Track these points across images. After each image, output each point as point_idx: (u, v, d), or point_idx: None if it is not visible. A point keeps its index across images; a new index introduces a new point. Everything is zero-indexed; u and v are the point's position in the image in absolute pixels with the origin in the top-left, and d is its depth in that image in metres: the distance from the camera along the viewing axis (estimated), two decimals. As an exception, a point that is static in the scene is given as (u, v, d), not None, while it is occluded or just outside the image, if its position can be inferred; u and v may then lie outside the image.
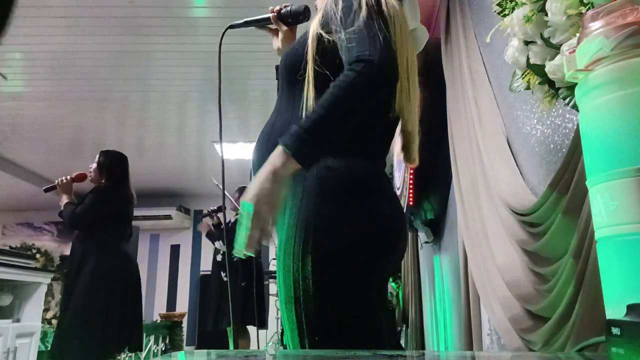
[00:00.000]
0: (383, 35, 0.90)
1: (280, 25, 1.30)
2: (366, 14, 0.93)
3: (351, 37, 0.91)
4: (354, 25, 0.92)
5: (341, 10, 0.96)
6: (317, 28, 1.00)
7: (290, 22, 1.31)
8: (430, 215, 3.07)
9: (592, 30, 0.58)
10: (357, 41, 0.90)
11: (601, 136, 0.56)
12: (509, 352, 1.38)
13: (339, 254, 0.90)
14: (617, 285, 0.53)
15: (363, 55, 0.87)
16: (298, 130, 0.83)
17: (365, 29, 0.91)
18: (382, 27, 0.92)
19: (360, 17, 0.92)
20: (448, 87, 2.23)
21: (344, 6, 0.96)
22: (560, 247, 1.10)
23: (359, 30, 0.91)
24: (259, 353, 0.66)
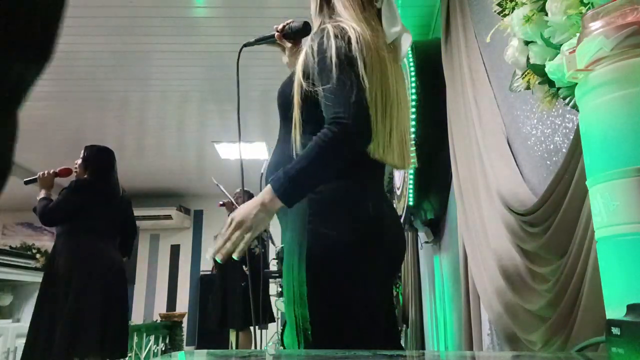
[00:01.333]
0: (355, 92, 1.02)
1: (284, 42, 1.39)
2: (338, 69, 1.03)
3: (327, 95, 1.03)
4: (329, 82, 1.03)
5: (317, 64, 1.07)
6: (299, 75, 1.11)
7: (292, 38, 1.39)
8: (430, 215, 3.07)
9: (592, 30, 0.58)
10: (332, 100, 1.02)
11: (601, 136, 0.56)
12: (509, 352, 1.38)
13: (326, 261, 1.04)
14: (617, 285, 0.53)
15: (337, 116, 1.00)
16: (283, 177, 0.99)
17: (338, 88, 1.02)
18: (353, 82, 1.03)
19: (333, 73, 1.03)
20: (448, 87, 2.23)
21: (319, 60, 1.07)
22: (560, 247, 1.10)
23: (334, 89, 1.03)
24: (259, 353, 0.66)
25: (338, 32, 1.08)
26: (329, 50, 1.06)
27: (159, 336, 4.94)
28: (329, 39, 1.07)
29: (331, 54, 1.05)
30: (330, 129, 1.00)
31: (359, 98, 1.02)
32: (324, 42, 1.07)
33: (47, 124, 4.53)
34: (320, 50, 1.07)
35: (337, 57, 1.04)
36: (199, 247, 7.25)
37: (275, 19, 1.32)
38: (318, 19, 1.23)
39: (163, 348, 4.99)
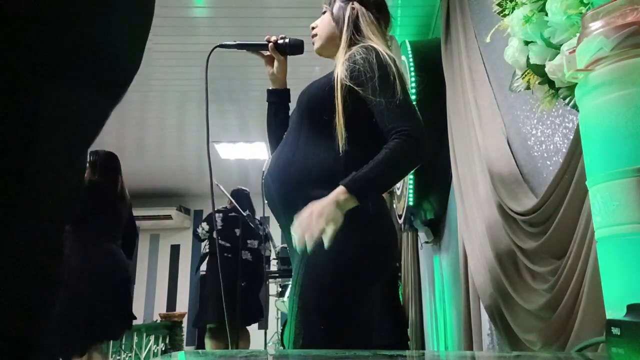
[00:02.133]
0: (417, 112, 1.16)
1: (277, 55, 1.42)
2: (401, 87, 1.14)
3: (393, 108, 1.12)
4: (393, 97, 1.13)
5: (379, 77, 1.15)
6: (345, 79, 1.18)
7: (287, 53, 1.42)
8: (430, 215, 3.07)
9: (592, 30, 0.58)
10: (401, 114, 1.12)
11: (601, 136, 0.56)
12: (509, 352, 1.38)
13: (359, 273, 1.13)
14: (617, 285, 0.53)
15: (409, 129, 1.10)
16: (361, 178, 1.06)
17: (405, 104, 1.13)
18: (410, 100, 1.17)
19: (397, 90, 1.13)
20: (448, 87, 2.23)
21: (381, 74, 1.15)
22: (560, 247, 1.10)
23: (401, 104, 1.13)
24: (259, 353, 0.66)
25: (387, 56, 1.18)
26: (390, 69, 1.16)
27: (159, 336, 4.94)
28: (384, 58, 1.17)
29: (394, 73, 1.15)
30: (406, 140, 1.09)
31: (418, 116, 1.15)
32: (383, 60, 1.17)
33: (47, 124, 4.53)
34: (381, 66, 1.16)
35: (399, 77, 1.15)
36: (199, 247, 7.24)
37: (275, 19, 1.33)
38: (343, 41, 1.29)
39: (163, 348, 4.99)
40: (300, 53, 1.41)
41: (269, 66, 1.45)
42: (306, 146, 1.20)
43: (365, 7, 1.29)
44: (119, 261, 2.91)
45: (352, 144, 1.15)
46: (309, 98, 1.25)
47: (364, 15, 1.27)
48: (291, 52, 1.41)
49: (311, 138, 1.20)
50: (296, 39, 1.40)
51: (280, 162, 1.23)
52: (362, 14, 1.28)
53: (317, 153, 1.18)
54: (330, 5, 1.33)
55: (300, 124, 1.25)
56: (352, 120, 1.16)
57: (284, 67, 1.43)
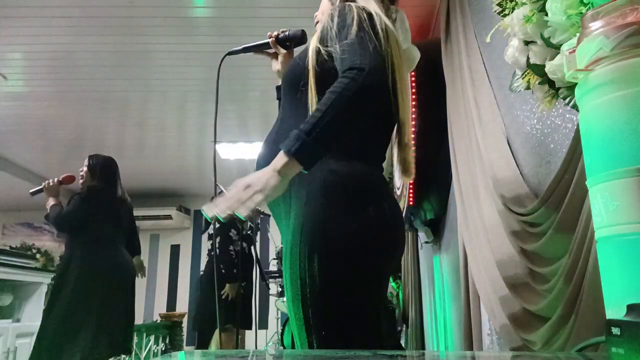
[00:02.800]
0: (373, 46, 0.98)
1: (279, 49, 1.38)
2: (357, 27, 1.01)
3: (344, 49, 0.99)
4: (347, 38, 1.00)
5: (336, 25, 1.05)
6: (316, 42, 1.09)
7: (288, 46, 1.39)
8: (430, 215, 3.07)
9: (592, 30, 0.58)
10: (349, 52, 0.98)
11: (601, 136, 0.56)
12: (509, 352, 1.38)
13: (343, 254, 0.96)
14: (617, 285, 0.53)
15: (354, 63, 0.94)
16: (297, 133, 0.89)
17: (357, 41, 0.99)
18: (372, 38, 1.00)
19: (352, 30, 1.01)
20: (448, 87, 2.23)
21: (339, 21, 1.05)
22: (560, 247, 1.10)
23: (351, 42, 0.99)
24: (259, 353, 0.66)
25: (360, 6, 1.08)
26: (350, 13, 1.05)
27: (159, 336, 4.94)
28: (350, 8, 1.06)
29: (352, 15, 1.04)
30: (345, 76, 0.93)
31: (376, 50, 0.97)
32: (345, 9, 1.07)
33: (47, 124, 4.53)
34: (341, 14, 1.06)
35: (358, 18, 1.03)
36: (199, 247, 7.24)
37: (275, 19, 1.32)
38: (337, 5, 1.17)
39: (163, 348, 4.99)
40: (302, 43, 1.37)
41: (274, 62, 1.41)
42: (288, 119, 1.11)
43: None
44: (124, 265, 2.93)
45: None
46: (288, 71, 1.17)
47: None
48: (292, 45, 1.39)
49: (293, 111, 1.11)
50: (296, 30, 1.38)
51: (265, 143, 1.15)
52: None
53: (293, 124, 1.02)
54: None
55: (284, 100, 1.17)
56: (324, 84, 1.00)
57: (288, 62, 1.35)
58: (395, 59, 1.07)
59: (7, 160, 5.43)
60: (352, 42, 0.99)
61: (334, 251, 0.95)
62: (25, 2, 2.76)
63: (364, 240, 0.98)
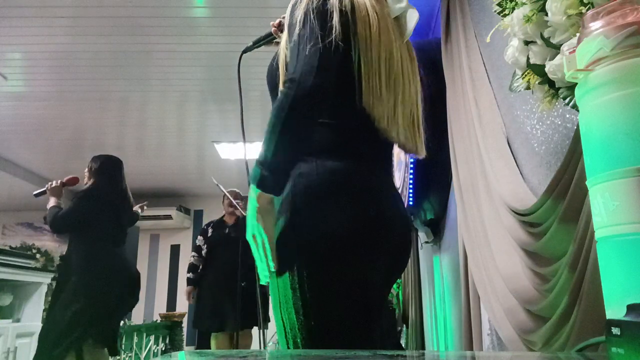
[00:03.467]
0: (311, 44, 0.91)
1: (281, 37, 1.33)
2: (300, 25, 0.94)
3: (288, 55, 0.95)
4: (291, 42, 0.95)
5: (287, 25, 0.99)
6: (284, 46, 1.02)
7: None
8: (430, 215, 3.07)
9: (592, 30, 0.58)
10: (290, 62, 0.93)
11: (601, 136, 0.56)
12: (509, 352, 1.38)
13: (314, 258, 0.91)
14: (617, 285, 0.53)
15: (290, 74, 0.91)
16: (255, 167, 0.90)
17: (296, 44, 0.93)
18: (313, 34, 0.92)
19: (295, 30, 0.94)
20: (448, 87, 2.23)
21: (290, 23, 0.98)
22: (560, 247, 1.10)
23: (292, 47, 0.94)
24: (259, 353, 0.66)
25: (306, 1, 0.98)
26: (299, 7, 0.97)
27: (159, 336, 4.94)
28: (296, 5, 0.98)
29: (300, 10, 0.95)
30: (281, 91, 0.89)
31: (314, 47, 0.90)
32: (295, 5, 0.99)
33: (47, 124, 4.53)
34: (292, 10, 0.98)
35: (304, 12, 0.95)
36: (199, 247, 7.24)
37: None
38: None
39: (163, 348, 4.98)
40: None
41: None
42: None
43: None
44: (124, 264, 2.93)
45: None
46: (268, 72, 1.12)
47: None
48: None
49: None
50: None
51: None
52: None
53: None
54: None
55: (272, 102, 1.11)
56: None
57: None
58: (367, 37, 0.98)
59: (7, 160, 5.43)
60: (293, 46, 0.94)
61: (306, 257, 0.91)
62: (25, 2, 2.76)
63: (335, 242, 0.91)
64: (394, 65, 1.02)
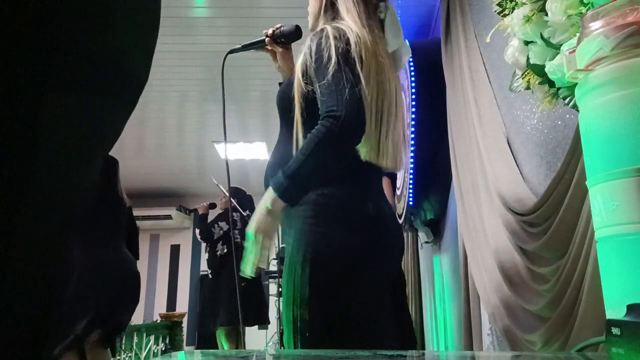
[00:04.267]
0: (349, 86, 1.04)
1: (275, 47, 1.39)
2: (335, 67, 1.06)
3: (323, 91, 1.06)
4: (324, 79, 1.06)
5: (314, 62, 1.09)
6: (299, 75, 1.14)
7: (283, 42, 1.39)
8: (430, 215, 3.07)
9: (592, 30, 0.58)
10: (327, 95, 1.05)
11: (601, 136, 0.56)
12: (509, 352, 1.38)
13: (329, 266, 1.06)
14: (617, 285, 0.53)
15: (331, 110, 1.02)
16: (281, 177, 1.02)
17: (334, 83, 1.05)
18: (348, 78, 1.05)
19: (329, 69, 1.06)
20: (448, 87, 2.23)
21: (316, 58, 1.09)
22: (560, 247, 1.10)
23: (328, 84, 1.05)
24: (259, 353, 0.66)
25: (337, 33, 1.10)
26: (326, 49, 1.08)
27: (159, 336, 4.94)
28: (327, 39, 1.10)
29: (329, 52, 1.07)
30: (323, 124, 1.02)
31: (352, 92, 1.04)
32: (322, 42, 1.10)
33: (47, 124, 4.53)
34: (318, 50, 1.10)
35: (335, 55, 1.07)
36: (199, 247, 7.24)
37: (275, 19, 1.33)
38: (320, 21, 1.25)
39: (163, 348, 4.99)
40: (297, 39, 1.37)
41: (274, 60, 1.42)
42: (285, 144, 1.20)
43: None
44: (124, 263, 2.92)
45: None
46: (278, 97, 1.25)
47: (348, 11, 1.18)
48: (287, 40, 1.39)
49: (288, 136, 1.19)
50: (290, 26, 1.37)
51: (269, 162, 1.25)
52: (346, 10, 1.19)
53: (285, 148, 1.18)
54: None
55: (280, 123, 1.26)
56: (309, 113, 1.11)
57: (286, 58, 1.39)
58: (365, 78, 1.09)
59: (7, 160, 5.43)
60: (329, 83, 1.05)
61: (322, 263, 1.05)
62: (25, 2, 2.76)
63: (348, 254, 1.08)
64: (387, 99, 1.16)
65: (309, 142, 1.02)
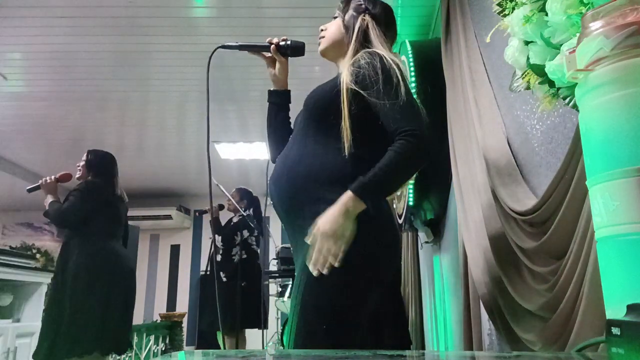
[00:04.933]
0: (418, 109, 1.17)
1: (278, 57, 1.45)
2: (405, 88, 1.17)
3: (397, 109, 1.14)
4: (397, 98, 1.15)
5: (383, 80, 1.17)
6: (350, 83, 1.21)
7: (288, 55, 1.44)
8: (430, 215, 3.07)
9: (592, 30, 0.58)
10: (405, 115, 1.14)
11: (601, 136, 0.56)
12: (509, 352, 1.38)
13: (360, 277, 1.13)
14: (617, 285, 0.53)
15: (413, 129, 1.12)
16: (367, 182, 1.09)
17: (409, 105, 1.15)
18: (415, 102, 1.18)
19: (402, 91, 1.16)
20: (448, 87, 2.23)
21: (385, 77, 1.17)
22: (560, 247, 1.10)
23: (405, 105, 1.15)
24: (259, 353, 0.66)
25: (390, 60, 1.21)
26: (393, 72, 1.18)
27: (159, 336, 4.94)
28: (387, 62, 1.20)
29: (398, 75, 1.18)
30: (408, 141, 1.11)
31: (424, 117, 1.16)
32: (386, 64, 1.20)
33: (47, 124, 4.53)
34: (385, 69, 1.18)
35: (403, 80, 1.18)
36: (199, 247, 7.25)
37: (274, 19, 1.34)
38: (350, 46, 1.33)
39: (163, 348, 4.99)
40: (301, 55, 1.42)
41: (270, 67, 1.48)
42: (314, 148, 1.23)
43: (376, 21, 1.35)
44: (122, 259, 2.92)
45: (358, 147, 1.18)
46: (316, 101, 1.28)
47: (374, 28, 1.33)
48: (292, 54, 1.43)
49: (318, 141, 1.23)
50: (297, 42, 1.42)
51: (289, 163, 1.26)
52: (372, 27, 1.33)
53: (324, 155, 1.21)
54: (342, 12, 1.39)
55: (307, 127, 1.28)
56: (358, 123, 1.19)
57: (285, 69, 1.46)
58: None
59: (7, 160, 5.43)
60: (405, 104, 1.15)
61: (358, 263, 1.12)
62: (25, 2, 2.76)
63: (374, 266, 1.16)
64: None
65: (395, 155, 1.11)
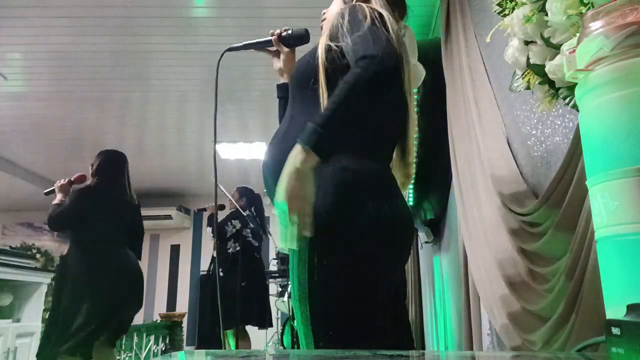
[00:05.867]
0: (385, 37, 0.99)
1: (281, 47, 1.38)
2: (370, 21, 1.03)
3: (356, 40, 1.00)
4: (359, 30, 1.02)
5: (348, 22, 1.06)
6: (326, 40, 1.10)
7: (291, 44, 1.39)
8: (430, 215, 3.07)
9: (592, 30, 0.58)
10: (361, 43, 0.99)
11: (601, 136, 0.56)
12: (509, 352, 1.38)
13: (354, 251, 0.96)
14: (617, 285, 0.53)
15: (366, 52, 0.95)
16: (313, 126, 0.90)
17: (369, 33, 1.00)
18: (383, 32, 1.01)
19: (364, 24, 1.02)
20: (448, 87, 2.23)
21: (350, 18, 1.07)
22: (560, 247, 1.10)
23: (364, 34, 1.00)
24: (259, 353, 0.66)
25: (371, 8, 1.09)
26: (361, 10, 1.06)
27: (159, 336, 4.94)
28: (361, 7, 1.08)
29: (364, 12, 1.05)
30: (358, 65, 0.94)
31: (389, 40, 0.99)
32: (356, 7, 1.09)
33: (47, 124, 4.53)
34: (352, 12, 1.08)
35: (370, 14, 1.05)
36: (199, 247, 7.24)
37: (275, 18, 1.33)
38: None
39: (163, 348, 4.98)
40: (305, 42, 1.37)
41: (276, 61, 1.41)
42: (298, 117, 1.11)
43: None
44: (126, 264, 2.90)
45: None
46: (297, 68, 1.18)
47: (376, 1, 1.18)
48: (295, 43, 1.38)
49: (303, 109, 1.12)
50: (299, 29, 1.37)
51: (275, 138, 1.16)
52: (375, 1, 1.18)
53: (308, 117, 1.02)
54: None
55: (293, 100, 1.18)
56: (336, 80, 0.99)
57: (290, 60, 1.38)
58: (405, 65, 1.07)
59: (7, 160, 5.43)
60: (365, 33, 1.00)
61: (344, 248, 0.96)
62: (25, 2, 2.76)
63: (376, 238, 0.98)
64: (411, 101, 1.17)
65: (342, 86, 0.93)
